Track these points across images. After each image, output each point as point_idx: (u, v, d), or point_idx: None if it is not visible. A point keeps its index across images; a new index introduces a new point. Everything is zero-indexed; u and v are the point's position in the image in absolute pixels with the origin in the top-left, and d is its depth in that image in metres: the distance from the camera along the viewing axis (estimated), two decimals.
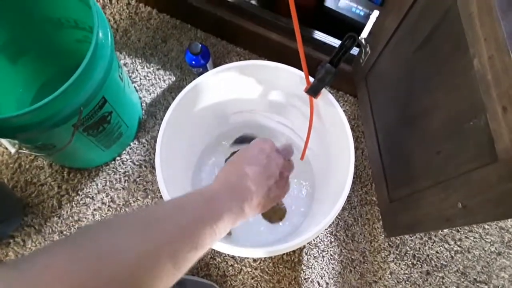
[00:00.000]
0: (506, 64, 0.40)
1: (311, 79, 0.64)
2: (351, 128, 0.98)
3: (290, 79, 0.69)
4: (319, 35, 0.88)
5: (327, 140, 0.74)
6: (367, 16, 0.85)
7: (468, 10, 0.46)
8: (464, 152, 0.51)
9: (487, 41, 0.43)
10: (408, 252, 0.91)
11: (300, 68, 0.63)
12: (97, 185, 0.92)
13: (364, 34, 0.76)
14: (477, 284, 0.90)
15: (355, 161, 0.97)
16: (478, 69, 0.45)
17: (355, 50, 0.88)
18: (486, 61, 0.43)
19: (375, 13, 0.74)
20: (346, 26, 0.72)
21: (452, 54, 0.51)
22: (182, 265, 0.35)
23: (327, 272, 0.89)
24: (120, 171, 0.93)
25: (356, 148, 0.98)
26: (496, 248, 0.92)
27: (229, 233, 0.87)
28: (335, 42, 0.88)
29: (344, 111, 0.99)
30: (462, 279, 0.90)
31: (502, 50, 0.41)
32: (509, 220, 0.94)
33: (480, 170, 0.47)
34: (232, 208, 0.42)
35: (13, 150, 0.74)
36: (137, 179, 0.93)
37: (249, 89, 0.77)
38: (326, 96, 0.66)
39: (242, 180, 0.45)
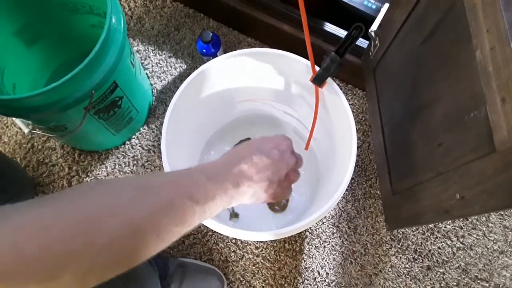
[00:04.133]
0: (506, 55, 0.41)
1: (317, 69, 0.64)
2: (359, 122, 0.99)
3: (297, 68, 0.70)
4: (330, 27, 0.89)
5: (331, 130, 0.74)
6: (378, 10, 0.85)
7: (473, 1, 0.46)
8: (464, 144, 0.51)
9: (489, 32, 0.43)
10: (410, 246, 0.92)
11: (308, 60, 0.64)
12: (106, 168, 0.95)
13: (374, 26, 0.77)
14: (478, 281, 0.90)
15: (361, 154, 0.97)
16: (480, 61, 0.45)
17: (364, 43, 0.88)
18: (488, 53, 0.44)
19: (386, 6, 0.74)
20: (357, 19, 0.73)
21: (456, 46, 0.52)
22: (166, 237, 0.35)
23: (327, 263, 0.90)
24: (129, 155, 0.96)
25: (363, 142, 0.98)
26: (499, 247, 0.92)
27: (237, 216, 0.89)
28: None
29: (352, 104, 1.00)
30: (463, 276, 0.91)
31: (503, 41, 0.41)
32: None
33: (478, 161, 0.47)
34: (227, 191, 0.42)
35: (26, 130, 0.76)
36: (145, 164, 0.95)
37: (256, 77, 0.78)
38: (331, 86, 0.66)
39: (246, 166, 0.45)
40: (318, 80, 0.64)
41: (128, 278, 0.34)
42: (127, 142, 0.96)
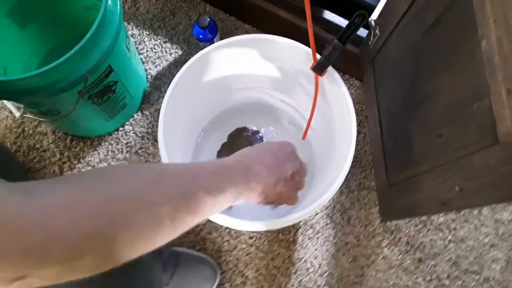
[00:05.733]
0: None
1: (318, 57, 0.64)
2: (355, 113, 0.98)
3: (297, 55, 0.69)
4: (329, 15, 0.88)
5: (330, 120, 0.74)
6: None
7: None
8: (465, 135, 0.51)
9: (497, 22, 0.42)
10: (402, 238, 0.92)
11: (308, 46, 0.63)
12: (99, 154, 0.93)
13: (375, 15, 0.76)
14: (469, 274, 0.91)
15: (357, 145, 0.97)
16: (485, 51, 0.45)
17: (364, 33, 0.87)
18: (495, 43, 0.43)
19: None
20: (357, 8, 0.72)
21: (460, 37, 0.51)
22: (179, 224, 0.36)
23: (320, 253, 0.90)
24: (122, 142, 0.94)
25: (358, 133, 0.98)
26: (490, 240, 0.93)
27: (230, 207, 0.88)
28: (345, 24, 0.88)
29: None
30: (454, 268, 0.91)
31: (511, 32, 0.40)
32: (505, 213, 0.94)
33: (480, 153, 0.47)
34: (237, 186, 0.43)
35: (17, 114, 0.74)
36: (139, 151, 0.94)
37: (254, 64, 0.76)
38: (332, 75, 0.66)
39: (255, 164, 0.46)
40: (319, 68, 0.63)
41: (135, 266, 0.34)
42: (121, 129, 0.95)
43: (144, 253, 0.34)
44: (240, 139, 0.92)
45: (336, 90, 0.66)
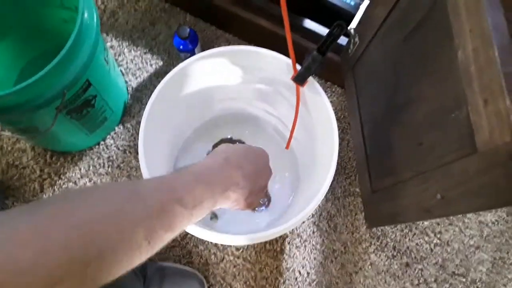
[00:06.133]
0: (490, 56, 0.40)
1: (298, 67, 0.63)
2: (338, 120, 0.99)
3: (277, 66, 0.68)
4: (309, 24, 0.88)
5: (312, 130, 0.74)
6: (357, 6, 0.85)
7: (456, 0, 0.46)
8: (445, 144, 0.51)
9: (473, 32, 0.43)
10: (389, 243, 0.93)
11: (289, 57, 0.63)
12: (80, 169, 0.91)
13: (354, 24, 0.76)
14: (455, 276, 0.92)
15: (340, 152, 0.97)
16: (462, 61, 0.45)
17: (344, 40, 0.87)
18: (471, 53, 0.43)
19: (366, 3, 0.73)
20: (337, 16, 0.72)
21: (438, 45, 0.52)
22: (155, 242, 0.35)
23: (308, 262, 0.90)
24: (104, 156, 0.92)
25: (342, 139, 0.98)
26: (475, 242, 0.94)
27: (216, 217, 0.87)
28: (326, 32, 0.88)
29: (331, 102, 0.99)
30: (441, 272, 0.92)
31: (486, 42, 0.41)
32: (488, 214, 0.95)
33: (459, 162, 0.48)
34: (215, 196, 0.42)
35: None
36: (121, 165, 0.92)
37: (235, 75, 0.76)
38: (313, 85, 0.66)
39: (235, 171, 0.46)
40: (299, 79, 0.63)
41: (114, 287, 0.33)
42: (102, 143, 0.93)
43: (122, 274, 0.33)
44: None
45: (317, 100, 0.66)
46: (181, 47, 0.91)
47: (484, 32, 0.40)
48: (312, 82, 0.66)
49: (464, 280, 0.92)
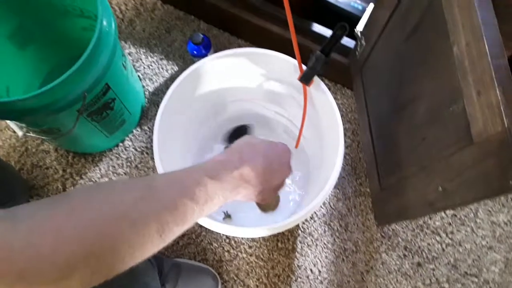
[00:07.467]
0: (481, 50, 0.42)
1: (304, 68, 0.66)
2: (348, 121, 1.01)
3: (286, 67, 0.71)
4: (317, 28, 0.91)
5: (320, 128, 0.76)
6: (364, 10, 0.87)
7: None
8: (445, 138, 0.53)
9: (465, 27, 0.45)
10: (400, 243, 0.93)
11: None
12: (100, 170, 0.96)
13: (360, 27, 0.78)
14: (468, 277, 0.92)
15: (351, 153, 0.99)
16: (457, 56, 0.47)
17: (351, 43, 0.90)
18: (464, 48, 0.45)
19: (371, 6, 0.76)
20: (345, 19, 0.74)
21: (436, 42, 0.54)
22: (167, 236, 0.37)
23: (320, 260, 0.91)
24: (122, 157, 0.97)
25: (352, 141, 1.00)
26: (487, 242, 0.94)
27: (230, 217, 0.90)
28: None
29: (341, 104, 1.02)
30: (453, 272, 0.92)
31: (477, 36, 0.43)
32: (501, 215, 0.95)
33: (457, 154, 0.49)
34: (225, 192, 0.43)
35: (20, 133, 0.77)
36: (139, 165, 0.96)
37: (246, 77, 0.79)
38: (318, 85, 0.68)
39: (248, 169, 0.46)
40: (305, 79, 0.66)
41: (130, 274, 0.35)
42: (120, 144, 0.97)
43: (135, 264, 0.35)
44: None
45: (323, 98, 0.68)
46: (194, 52, 0.95)
47: (474, 26, 0.42)
48: (318, 82, 0.68)
49: (476, 280, 0.91)
